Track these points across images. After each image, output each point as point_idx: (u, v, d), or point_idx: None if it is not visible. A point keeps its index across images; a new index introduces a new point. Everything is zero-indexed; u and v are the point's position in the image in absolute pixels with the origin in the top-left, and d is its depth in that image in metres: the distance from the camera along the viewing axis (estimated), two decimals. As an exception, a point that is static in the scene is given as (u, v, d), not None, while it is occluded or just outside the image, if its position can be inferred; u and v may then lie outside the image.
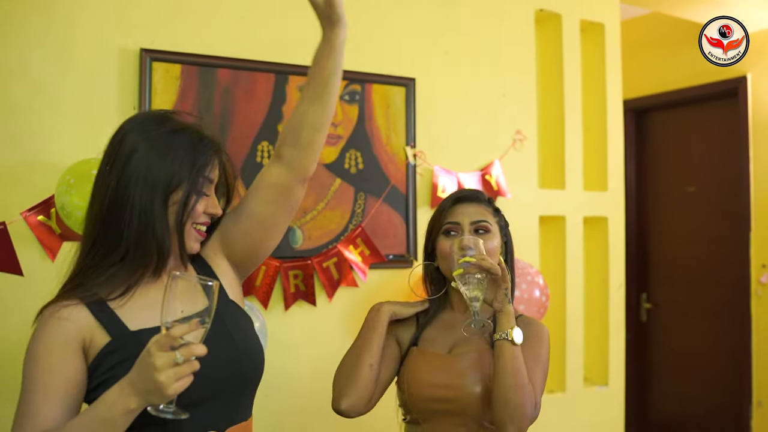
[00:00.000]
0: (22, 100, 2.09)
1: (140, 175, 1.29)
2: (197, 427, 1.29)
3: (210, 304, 1.18)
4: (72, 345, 1.26)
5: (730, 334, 4.11)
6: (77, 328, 1.27)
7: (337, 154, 2.54)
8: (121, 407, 1.14)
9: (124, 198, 1.29)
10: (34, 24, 2.10)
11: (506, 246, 1.80)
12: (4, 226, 2.00)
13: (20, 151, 2.08)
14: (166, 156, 1.30)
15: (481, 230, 1.71)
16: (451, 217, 1.74)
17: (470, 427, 1.66)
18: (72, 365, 1.25)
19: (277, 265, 2.41)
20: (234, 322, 1.40)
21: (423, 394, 1.66)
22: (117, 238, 1.30)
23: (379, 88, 2.62)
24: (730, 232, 4.12)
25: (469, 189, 1.88)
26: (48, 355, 1.25)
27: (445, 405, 1.65)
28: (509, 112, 2.92)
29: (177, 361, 1.11)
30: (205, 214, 1.39)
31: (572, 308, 3.06)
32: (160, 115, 1.38)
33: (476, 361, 1.67)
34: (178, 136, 1.34)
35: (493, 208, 1.80)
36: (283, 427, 2.44)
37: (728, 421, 4.11)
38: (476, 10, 2.86)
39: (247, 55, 2.39)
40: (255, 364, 1.42)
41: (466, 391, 1.64)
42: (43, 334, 1.27)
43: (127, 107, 2.21)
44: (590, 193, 3.14)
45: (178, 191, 1.32)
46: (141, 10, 2.25)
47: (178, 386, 1.12)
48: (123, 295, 1.32)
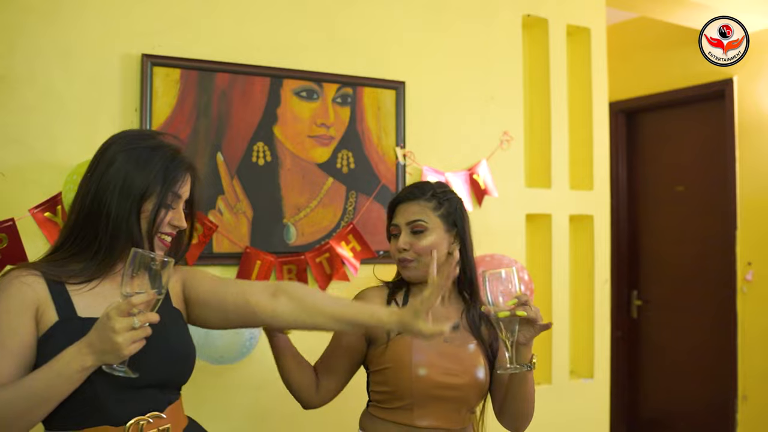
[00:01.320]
0: (31, 104, 2.21)
1: (117, 184, 1.42)
2: (136, 410, 1.41)
3: (166, 278, 1.31)
4: (29, 309, 1.38)
5: (716, 330, 4.22)
6: (35, 296, 1.39)
7: (329, 154, 2.65)
8: (78, 364, 1.28)
9: (101, 203, 1.42)
10: (42, 33, 2.22)
11: (459, 234, 1.84)
12: (13, 221, 2.12)
13: (29, 151, 2.20)
14: (142, 168, 1.44)
15: (416, 230, 1.78)
16: (393, 219, 1.84)
17: (462, 412, 1.78)
18: (26, 328, 1.37)
19: (272, 260, 2.52)
20: (173, 328, 1.53)
21: (426, 381, 1.72)
22: (92, 238, 1.43)
23: (370, 91, 2.73)
24: (717, 231, 4.23)
25: (410, 187, 1.89)
26: (5, 314, 1.37)
27: (446, 391, 1.73)
28: (497, 113, 3.03)
29: (134, 325, 1.25)
30: (170, 226, 1.51)
31: (558, 303, 3.17)
32: (146, 133, 1.54)
33: (479, 353, 1.79)
34: (155, 152, 1.47)
35: (437, 201, 1.82)
36: (275, 416, 2.55)
37: (715, 414, 4.22)
38: (464, 16, 2.96)
39: (243, 60, 2.50)
40: (186, 365, 1.55)
41: (467, 379, 1.74)
42: (4, 295, 1.38)
43: (129, 110, 2.33)
44: (576, 192, 3.25)
45: (149, 201, 1.45)
46: (142, 17, 2.36)
47: (133, 348, 1.27)
48: (83, 283, 1.44)
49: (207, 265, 2.44)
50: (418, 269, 1.79)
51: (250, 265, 2.49)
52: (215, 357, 2.30)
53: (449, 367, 1.75)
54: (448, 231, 1.82)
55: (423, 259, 1.78)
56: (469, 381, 1.75)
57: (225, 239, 2.47)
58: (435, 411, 1.74)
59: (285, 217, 2.57)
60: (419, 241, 1.77)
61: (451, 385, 1.74)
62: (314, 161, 2.62)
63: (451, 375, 1.74)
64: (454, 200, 1.86)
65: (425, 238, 1.78)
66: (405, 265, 1.81)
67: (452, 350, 1.77)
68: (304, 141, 2.61)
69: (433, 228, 1.79)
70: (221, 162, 2.46)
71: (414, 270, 1.80)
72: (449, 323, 1.47)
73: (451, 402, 1.75)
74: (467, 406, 1.79)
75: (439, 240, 1.79)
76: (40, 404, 1.30)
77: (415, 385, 1.72)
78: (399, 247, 1.78)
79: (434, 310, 1.80)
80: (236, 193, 2.50)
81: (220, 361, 2.33)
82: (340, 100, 2.68)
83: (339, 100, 2.67)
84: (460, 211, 1.87)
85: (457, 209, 1.86)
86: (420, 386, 1.72)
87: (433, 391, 1.73)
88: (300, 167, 2.60)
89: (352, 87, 2.69)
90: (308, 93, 2.62)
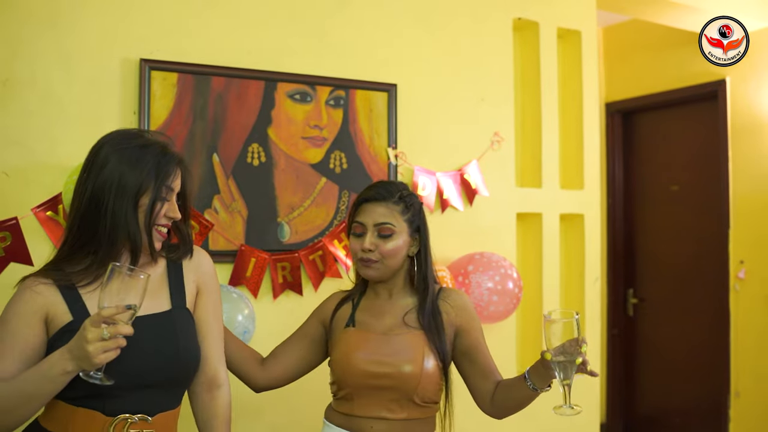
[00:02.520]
0: (32, 107, 2.30)
1: (113, 183, 1.51)
2: (131, 409, 1.52)
3: (139, 292, 1.38)
4: (37, 315, 1.49)
5: (710, 327, 4.28)
6: (45, 302, 1.49)
7: (322, 155, 2.73)
8: (60, 368, 1.37)
9: (99, 202, 1.51)
10: (43, 38, 2.31)
11: (420, 236, 1.90)
12: (16, 220, 2.21)
13: (31, 153, 2.29)
14: (135, 167, 1.53)
15: (384, 233, 1.83)
16: (358, 216, 1.87)
17: (401, 402, 1.82)
18: (33, 331, 1.48)
19: (266, 257, 2.60)
20: (182, 328, 1.63)
21: (359, 370, 1.79)
22: (92, 235, 1.52)
23: (362, 94, 2.81)
24: (711, 230, 4.28)
25: (377, 187, 1.91)
26: (15, 318, 1.49)
27: (380, 381, 1.80)
28: (488, 115, 3.10)
29: (104, 336, 1.32)
30: (166, 217, 1.60)
31: (548, 300, 3.24)
32: (133, 132, 1.61)
33: (410, 343, 1.84)
34: (146, 150, 1.56)
35: (404, 205, 1.86)
36: (268, 409, 2.64)
37: (708, 411, 4.27)
38: (455, 19, 3.04)
39: (238, 64, 2.59)
40: (189, 365, 1.65)
41: (400, 369, 1.80)
42: (15, 301, 1.51)
43: (127, 112, 2.42)
44: (567, 192, 3.32)
45: (145, 197, 1.54)
46: (141, 23, 2.45)
47: (103, 357, 1.34)
48: (92, 283, 1.55)
49: (203, 262, 2.52)
50: (380, 270, 1.86)
51: (245, 263, 2.58)
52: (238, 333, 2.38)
53: (382, 358, 1.81)
54: (411, 235, 1.88)
55: (387, 260, 1.84)
56: (397, 371, 1.79)
57: (221, 237, 2.55)
58: (372, 400, 1.81)
59: (279, 216, 2.65)
60: (385, 244, 1.82)
61: (383, 374, 1.79)
62: (308, 162, 2.71)
63: (383, 365, 1.80)
64: (417, 204, 1.92)
65: (392, 241, 1.83)
66: (368, 264, 1.85)
67: (390, 342, 1.84)
68: (298, 142, 2.69)
69: (400, 232, 1.84)
70: (217, 162, 2.55)
71: (376, 270, 1.86)
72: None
73: (387, 391, 1.80)
74: (406, 396, 1.81)
75: (403, 244, 1.86)
76: (27, 401, 1.41)
77: (351, 375, 1.80)
78: (365, 247, 1.83)
79: (380, 305, 1.90)
80: (232, 193, 2.58)
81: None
82: (332, 103, 2.75)
83: (332, 103, 2.75)
84: (422, 215, 1.93)
85: (419, 213, 1.92)
86: (349, 376, 1.80)
87: (364, 380, 1.80)
88: (294, 167, 2.68)
89: (344, 89, 2.77)
90: (302, 96, 2.70)
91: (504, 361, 3.12)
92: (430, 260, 1.93)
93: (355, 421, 1.82)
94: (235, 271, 2.56)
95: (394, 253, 1.83)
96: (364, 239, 1.84)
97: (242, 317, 2.40)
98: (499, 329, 3.10)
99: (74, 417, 1.50)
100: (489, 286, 2.80)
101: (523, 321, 3.31)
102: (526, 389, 1.76)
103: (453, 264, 2.92)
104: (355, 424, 1.82)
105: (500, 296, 2.80)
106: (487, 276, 2.80)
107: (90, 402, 1.49)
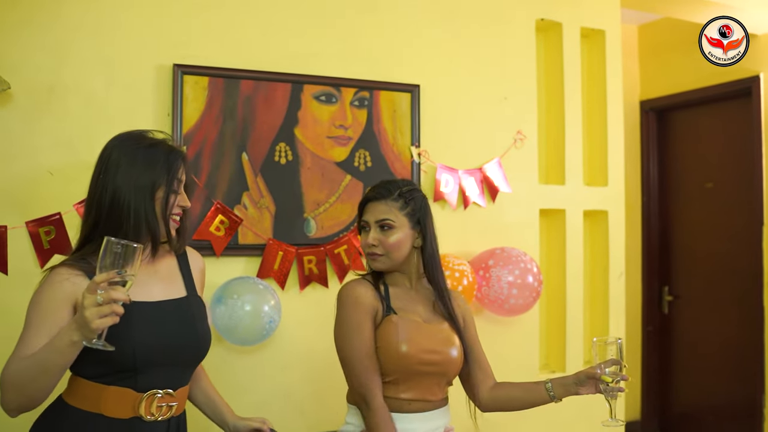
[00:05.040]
0: (76, 111, 2.49)
1: (130, 183, 1.66)
2: (159, 384, 1.68)
3: (132, 261, 1.47)
4: (66, 299, 1.61)
5: (744, 324, 4.25)
6: (73, 289, 1.61)
7: (347, 153, 2.86)
8: (67, 339, 1.48)
9: (120, 200, 1.66)
10: (85, 48, 2.50)
11: (422, 230, 2.00)
12: (60, 215, 2.40)
13: (74, 153, 2.47)
14: (148, 166, 1.68)
15: (385, 227, 1.96)
16: (363, 215, 2.02)
17: (442, 385, 1.99)
18: (61, 314, 1.60)
19: (293, 251, 2.74)
20: (198, 313, 1.80)
21: (411, 358, 1.90)
22: (116, 231, 1.64)
23: (386, 95, 2.93)
24: (745, 227, 4.25)
25: (378, 187, 2.03)
26: (46, 302, 1.61)
27: (429, 367, 1.93)
28: (510, 113, 3.18)
29: (98, 301, 1.42)
30: (178, 207, 1.76)
31: (571, 294, 3.30)
32: (137, 134, 1.77)
33: (448, 330, 2.00)
34: (155, 149, 1.72)
35: (403, 201, 1.98)
36: (296, 394, 2.78)
37: (743, 408, 4.24)
38: (478, 21, 3.13)
39: (266, 68, 2.73)
40: (207, 346, 1.82)
41: (449, 356, 1.96)
42: (46, 288, 1.63)
43: (162, 115, 2.59)
44: (590, 188, 3.38)
45: (159, 191, 1.69)
46: (174, 31, 2.62)
47: (99, 323, 1.43)
48: None
49: (233, 255, 2.68)
50: (386, 262, 1.99)
51: (273, 256, 2.72)
52: (239, 338, 2.54)
53: (428, 345, 1.94)
54: (413, 228, 2.00)
55: (391, 253, 1.97)
56: (446, 358, 1.96)
57: (249, 232, 2.70)
58: (417, 385, 1.94)
59: (305, 212, 2.78)
60: (387, 238, 1.96)
61: (431, 361, 1.93)
62: (333, 160, 2.83)
63: (430, 352, 1.93)
64: (419, 199, 2.03)
65: (393, 235, 1.96)
66: (374, 258, 1.99)
67: (431, 330, 1.97)
68: (324, 141, 2.82)
69: (400, 226, 1.97)
70: (246, 161, 2.70)
71: (382, 263, 1.99)
72: None
73: (431, 376, 1.95)
74: (446, 379, 1.99)
75: (405, 237, 1.98)
76: (43, 373, 1.53)
77: (400, 361, 1.91)
78: (369, 242, 1.98)
79: (407, 295, 2.02)
80: (260, 190, 2.72)
81: (244, 342, 2.57)
82: (357, 103, 2.88)
83: (356, 103, 2.87)
84: (424, 209, 2.03)
85: (421, 207, 2.01)
86: (404, 362, 1.91)
87: (415, 366, 1.92)
88: (319, 166, 2.81)
89: (368, 91, 2.89)
90: (327, 97, 2.83)
91: (527, 356, 3.22)
92: (436, 251, 2.04)
93: (395, 402, 1.93)
94: (263, 264, 2.71)
95: (397, 246, 1.96)
96: (368, 235, 1.99)
97: (268, 308, 2.54)
98: (523, 324, 3.18)
99: (106, 395, 1.64)
100: (509, 279, 2.88)
101: (547, 316, 3.38)
102: (545, 397, 1.97)
103: (474, 259, 3.01)
104: (396, 405, 1.93)
105: (520, 290, 2.88)
106: (507, 270, 2.89)
107: (122, 380, 1.64)
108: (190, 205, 1.80)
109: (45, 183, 2.44)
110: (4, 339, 2.32)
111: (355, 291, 1.97)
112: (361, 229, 2.04)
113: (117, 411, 1.64)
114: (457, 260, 2.85)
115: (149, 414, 1.66)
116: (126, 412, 1.65)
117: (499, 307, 2.93)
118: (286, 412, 2.76)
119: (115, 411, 1.64)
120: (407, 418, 1.92)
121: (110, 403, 1.64)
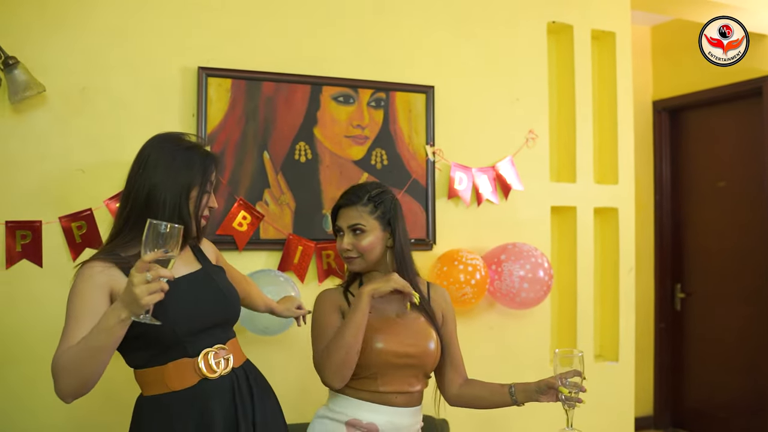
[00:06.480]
0: (104, 112, 2.61)
1: (167, 182, 1.78)
2: (206, 344, 1.81)
3: (174, 240, 1.55)
4: (103, 289, 1.72)
5: (756, 321, 4.30)
6: (109, 280, 1.73)
7: (364, 152, 2.96)
8: (115, 317, 1.55)
9: (157, 198, 1.78)
10: (114, 51, 2.62)
11: (393, 232, 2.09)
12: (91, 211, 2.53)
13: (103, 152, 2.60)
14: (185, 167, 1.81)
15: (357, 231, 2.05)
16: (337, 221, 2.11)
17: (419, 377, 2.08)
18: (99, 304, 1.70)
19: (312, 245, 2.85)
20: (220, 278, 1.94)
21: (387, 353, 2.00)
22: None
23: (402, 95, 3.03)
24: (757, 225, 4.31)
25: (348, 193, 2.12)
26: (85, 293, 1.71)
27: (405, 360, 2.02)
28: (522, 114, 3.28)
29: (147, 279, 1.51)
30: (208, 207, 1.89)
31: (582, 289, 3.39)
32: (175, 136, 1.89)
33: (423, 324, 2.09)
34: (191, 152, 1.85)
35: (373, 205, 2.07)
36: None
37: (754, 405, 4.30)
38: (490, 24, 3.22)
39: (286, 70, 2.84)
40: (237, 304, 1.97)
41: (425, 349, 2.05)
42: (83, 280, 1.73)
43: (187, 115, 2.71)
44: (601, 186, 3.46)
45: (194, 191, 1.82)
46: (198, 35, 2.73)
47: (149, 299, 1.51)
48: None
49: (255, 249, 2.80)
50: (361, 264, 2.09)
51: (293, 250, 2.83)
52: (260, 328, 2.65)
53: (404, 338, 2.04)
54: (384, 229, 2.09)
55: (365, 255, 2.07)
56: (423, 350, 2.05)
57: (270, 227, 2.81)
58: (394, 378, 2.03)
59: (324, 208, 2.89)
60: (360, 242, 2.06)
61: (407, 353, 2.03)
62: (350, 159, 2.94)
63: (409, 346, 2.03)
64: (388, 201, 2.10)
65: (365, 238, 2.06)
66: (351, 261, 2.10)
67: (404, 324, 2.07)
68: (342, 141, 2.93)
69: (371, 229, 2.06)
70: (267, 160, 2.81)
71: (358, 264, 2.10)
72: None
73: (409, 369, 2.04)
74: (423, 371, 2.08)
75: (377, 239, 2.07)
76: (93, 355, 1.61)
77: (378, 357, 2.01)
78: (344, 247, 2.08)
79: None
80: (281, 187, 2.83)
81: (265, 332, 2.67)
82: (374, 104, 2.98)
83: (373, 104, 2.98)
84: (393, 210, 2.11)
85: (390, 209, 2.10)
86: (381, 358, 2.01)
87: (392, 360, 2.01)
88: (337, 164, 2.92)
89: (385, 92, 3.00)
90: (345, 98, 2.94)
91: (538, 349, 3.31)
92: (406, 249, 2.12)
93: (378, 396, 2.04)
94: (284, 258, 2.82)
95: (370, 249, 2.06)
96: (343, 240, 2.09)
97: (289, 299, 2.65)
98: (534, 317, 3.27)
99: (166, 372, 1.76)
100: (520, 274, 2.97)
101: (558, 310, 3.47)
102: (507, 400, 2.07)
103: (487, 254, 3.10)
104: (382, 399, 2.04)
105: (531, 284, 2.97)
106: (518, 264, 2.98)
107: (174, 354, 1.76)
108: (217, 206, 1.93)
109: (77, 180, 2.56)
110: (39, 323, 2.49)
111: (323, 296, 2.15)
112: (336, 233, 2.14)
113: (183, 381, 1.77)
114: (470, 255, 2.95)
115: (210, 371, 1.80)
116: (191, 379, 1.78)
117: (511, 301, 3.02)
118: (302, 401, 2.85)
119: (182, 382, 1.77)
120: (399, 412, 2.03)
121: (174, 377, 1.77)
